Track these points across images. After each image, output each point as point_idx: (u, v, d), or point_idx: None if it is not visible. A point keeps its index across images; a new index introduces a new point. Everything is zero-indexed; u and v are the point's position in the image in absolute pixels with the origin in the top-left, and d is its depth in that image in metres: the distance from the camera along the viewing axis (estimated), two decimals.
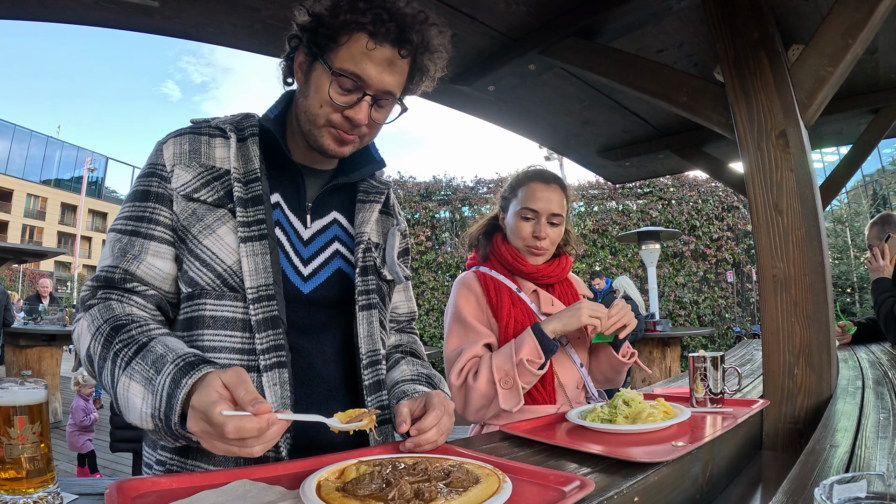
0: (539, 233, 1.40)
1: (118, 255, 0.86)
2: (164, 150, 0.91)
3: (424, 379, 1.03)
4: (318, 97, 0.88)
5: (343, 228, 1.01)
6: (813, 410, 1.30)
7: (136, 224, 0.88)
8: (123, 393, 0.74)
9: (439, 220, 9.77)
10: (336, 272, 0.96)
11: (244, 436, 0.61)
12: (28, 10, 1.62)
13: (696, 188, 9.06)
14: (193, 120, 0.97)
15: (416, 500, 0.56)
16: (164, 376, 0.71)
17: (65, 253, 28.15)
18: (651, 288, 6.76)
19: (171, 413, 0.69)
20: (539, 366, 1.27)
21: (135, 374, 0.74)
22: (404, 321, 1.18)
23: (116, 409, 0.76)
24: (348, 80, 0.86)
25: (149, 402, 0.71)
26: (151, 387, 0.72)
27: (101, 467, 4.00)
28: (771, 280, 1.38)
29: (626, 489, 0.70)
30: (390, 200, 1.11)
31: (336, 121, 0.89)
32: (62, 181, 37.55)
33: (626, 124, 2.69)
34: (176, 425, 0.70)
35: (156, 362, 0.73)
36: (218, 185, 0.90)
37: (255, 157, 0.93)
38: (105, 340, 0.78)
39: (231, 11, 1.65)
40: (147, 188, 0.90)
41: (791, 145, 1.35)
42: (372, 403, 0.93)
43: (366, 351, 0.94)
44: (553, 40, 1.78)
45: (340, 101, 0.87)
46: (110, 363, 0.76)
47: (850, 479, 0.45)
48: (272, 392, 0.83)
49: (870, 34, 1.30)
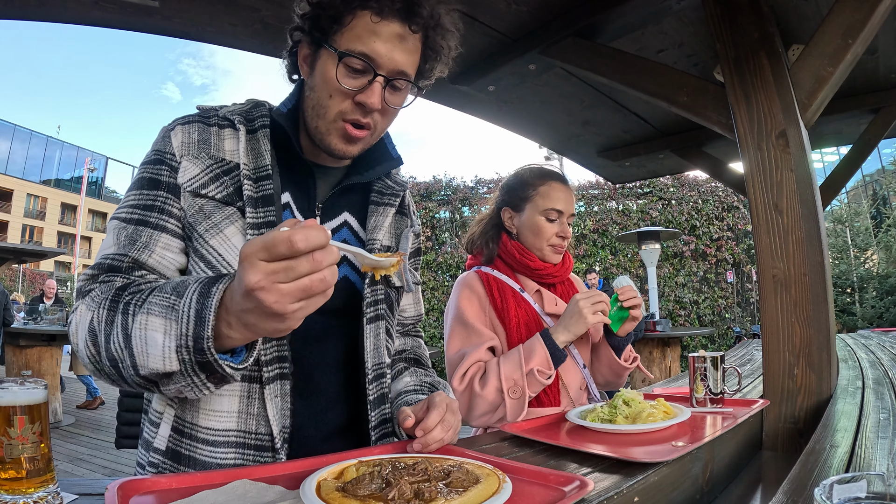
0: (565, 232, 1.42)
1: (125, 243, 0.79)
2: (171, 137, 0.85)
3: (427, 388, 1.01)
4: (325, 86, 0.82)
5: (353, 232, 0.95)
6: (813, 410, 1.30)
7: (143, 213, 0.81)
8: (141, 335, 0.65)
9: (439, 220, 9.77)
10: (342, 280, 0.90)
11: (314, 243, 0.52)
12: (28, 10, 1.62)
13: (696, 188, 9.06)
14: (200, 107, 0.92)
15: (416, 500, 0.56)
16: (188, 295, 0.63)
17: (65, 253, 28.16)
18: (651, 288, 6.76)
19: (203, 328, 0.60)
20: (548, 376, 1.26)
21: (152, 307, 0.66)
22: (410, 324, 1.15)
23: (132, 374, 0.67)
24: (357, 59, 0.79)
25: (172, 332, 0.63)
26: (174, 313, 0.63)
27: (102, 467, 4.00)
28: (771, 280, 1.38)
29: (626, 489, 0.70)
30: (405, 201, 1.06)
31: (347, 109, 0.83)
32: (62, 181, 37.54)
33: (626, 124, 2.69)
34: (209, 340, 0.61)
35: (176, 288, 0.65)
36: (227, 179, 0.84)
37: (265, 151, 0.87)
38: (111, 302, 0.70)
39: (231, 11, 1.65)
40: (156, 176, 0.83)
41: (791, 145, 1.35)
42: (375, 417, 0.90)
43: (371, 365, 0.91)
44: (553, 40, 1.78)
45: (350, 84, 0.80)
46: (120, 317, 0.67)
47: (850, 479, 0.45)
48: (273, 404, 0.80)
49: (870, 34, 1.30)
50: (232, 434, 0.80)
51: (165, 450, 0.82)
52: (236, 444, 0.80)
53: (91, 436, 4.96)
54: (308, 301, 0.56)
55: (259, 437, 0.81)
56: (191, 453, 0.80)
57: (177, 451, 0.81)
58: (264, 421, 0.81)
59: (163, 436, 0.82)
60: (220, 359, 0.63)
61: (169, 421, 0.82)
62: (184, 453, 0.81)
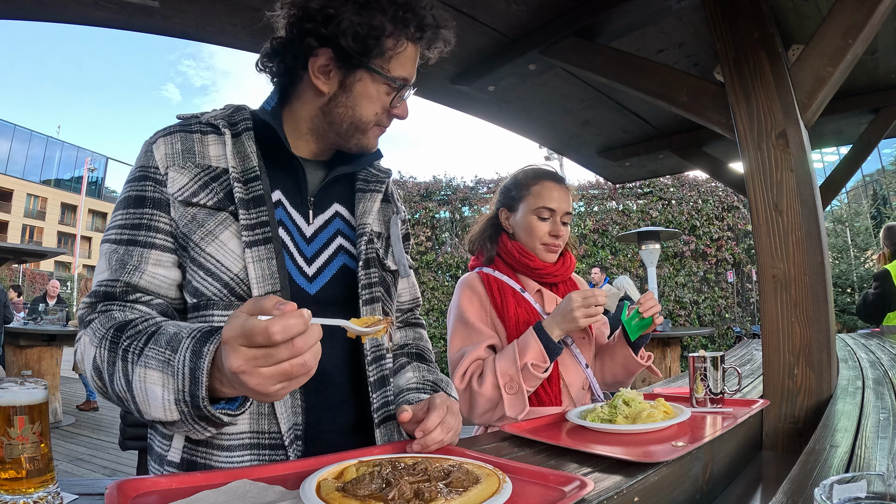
0: (557, 231, 1.42)
1: (116, 267, 0.80)
2: (154, 150, 0.85)
3: (430, 386, 1.01)
4: (372, 106, 0.90)
5: (345, 221, 0.98)
6: (813, 410, 1.30)
7: (132, 232, 0.82)
8: (141, 386, 0.67)
9: (439, 220, 9.76)
10: (341, 269, 0.93)
11: (292, 332, 0.54)
12: (28, 10, 1.62)
13: (696, 188, 9.05)
14: (181, 116, 0.92)
15: (416, 500, 0.56)
16: (182, 352, 0.66)
17: (65, 253, 28.15)
18: (651, 288, 6.75)
19: (198, 388, 0.63)
20: (544, 369, 1.26)
21: (149, 360, 0.68)
22: (407, 309, 1.15)
23: (138, 415, 0.70)
24: (403, 85, 0.90)
25: (170, 386, 0.65)
26: (171, 368, 0.66)
27: (102, 467, 4.00)
28: (771, 280, 1.38)
29: (626, 489, 0.70)
30: (389, 188, 1.08)
31: (384, 121, 0.93)
32: (62, 181, 37.57)
33: (626, 124, 2.69)
34: (204, 401, 0.64)
35: (170, 342, 0.68)
36: (217, 186, 0.85)
37: (252, 153, 0.88)
38: (111, 343, 0.72)
39: (231, 11, 1.65)
40: (141, 193, 0.84)
41: (791, 145, 1.35)
42: (377, 399, 0.91)
43: (370, 347, 0.92)
44: (553, 40, 1.78)
45: (393, 102, 0.91)
46: (120, 363, 0.70)
47: (850, 479, 0.45)
48: (283, 402, 0.81)
49: (870, 34, 1.30)
50: (245, 436, 0.81)
51: (181, 461, 0.81)
52: (251, 446, 0.81)
53: (91, 436, 4.96)
54: (290, 382, 0.58)
55: (272, 436, 0.81)
56: (206, 461, 0.80)
57: (192, 462, 0.81)
58: (275, 419, 0.81)
59: (177, 448, 0.82)
60: (217, 409, 0.66)
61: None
62: (199, 462, 0.81)
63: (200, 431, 0.69)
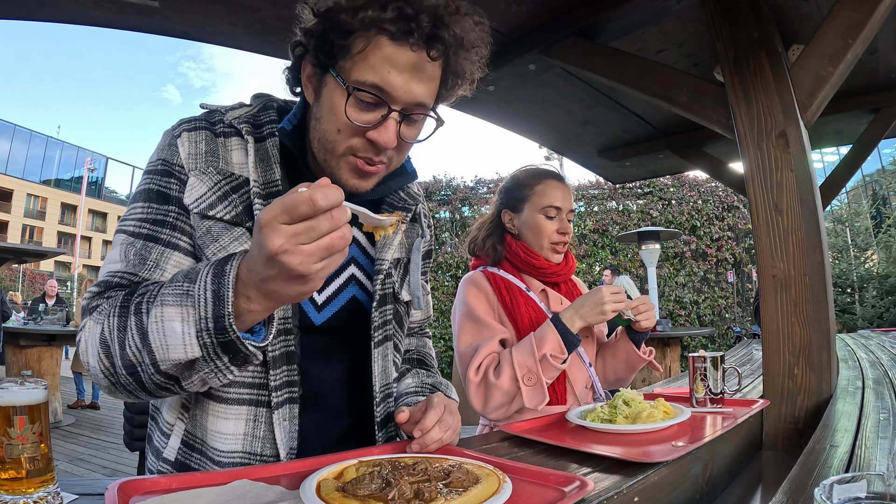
0: (565, 228, 1.42)
1: (135, 262, 0.74)
2: (179, 146, 0.79)
3: (428, 389, 1.00)
4: (333, 120, 0.74)
5: (361, 248, 0.91)
6: (813, 410, 1.30)
7: (153, 228, 0.77)
8: (158, 328, 0.62)
9: (439, 220, 9.76)
10: (350, 301, 0.88)
11: (333, 200, 0.51)
12: (28, 10, 1.62)
13: (696, 188, 9.05)
14: (204, 106, 0.85)
15: (416, 500, 0.56)
16: (202, 279, 0.61)
17: (65, 253, 28.11)
18: (651, 288, 6.76)
19: (223, 306, 0.59)
20: (562, 360, 1.26)
21: (166, 298, 0.63)
22: (416, 327, 1.14)
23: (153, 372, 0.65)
24: (368, 94, 0.71)
25: (190, 318, 0.61)
26: (190, 299, 0.61)
27: (102, 467, 4.00)
28: (771, 280, 1.38)
29: (626, 489, 0.70)
30: (417, 212, 1.01)
31: (358, 146, 0.75)
32: (62, 181, 37.57)
33: (626, 124, 2.69)
34: (230, 317, 0.59)
35: (187, 275, 0.63)
36: (236, 197, 0.79)
37: (275, 163, 0.81)
38: (121, 308, 0.67)
39: (231, 11, 1.65)
40: (165, 190, 0.78)
41: (791, 145, 1.35)
42: (382, 436, 0.90)
43: (380, 387, 0.89)
44: (553, 40, 1.78)
45: (361, 120, 0.72)
46: (134, 317, 0.65)
47: (850, 479, 0.45)
48: (282, 428, 0.79)
49: (870, 34, 1.30)
50: (237, 455, 0.80)
51: (174, 461, 0.81)
52: (241, 466, 0.80)
53: (91, 436, 4.96)
54: (330, 259, 0.55)
55: (264, 459, 0.80)
56: (199, 468, 0.80)
57: (186, 464, 0.81)
58: (269, 444, 0.80)
59: (172, 447, 0.82)
60: (243, 337, 0.62)
61: (179, 434, 0.82)
62: (193, 466, 0.81)
63: (221, 370, 0.64)
